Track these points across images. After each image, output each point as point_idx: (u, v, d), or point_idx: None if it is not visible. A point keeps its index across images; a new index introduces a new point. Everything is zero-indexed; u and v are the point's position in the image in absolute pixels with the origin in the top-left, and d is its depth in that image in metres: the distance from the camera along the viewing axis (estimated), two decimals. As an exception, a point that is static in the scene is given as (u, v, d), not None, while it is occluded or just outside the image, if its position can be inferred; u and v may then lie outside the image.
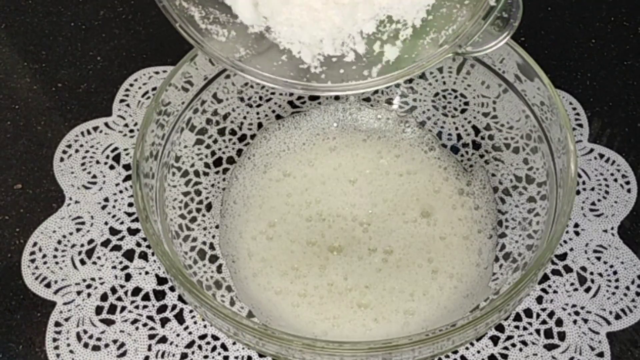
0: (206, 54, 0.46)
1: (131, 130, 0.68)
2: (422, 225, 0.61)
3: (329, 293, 0.58)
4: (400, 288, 0.58)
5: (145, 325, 0.57)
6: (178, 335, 0.57)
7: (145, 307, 0.58)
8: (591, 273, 0.59)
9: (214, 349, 0.56)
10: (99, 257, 0.60)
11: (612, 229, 0.61)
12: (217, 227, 0.61)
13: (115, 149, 0.66)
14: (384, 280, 0.58)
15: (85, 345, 0.56)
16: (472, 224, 0.61)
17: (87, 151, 0.66)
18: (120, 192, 0.64)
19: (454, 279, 0.58)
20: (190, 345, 0.56)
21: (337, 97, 0.67)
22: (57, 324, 0.57)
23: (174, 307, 0.58)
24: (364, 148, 0.65)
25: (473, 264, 0.59)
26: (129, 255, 0.61)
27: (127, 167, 0.65)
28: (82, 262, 0.60)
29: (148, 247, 0.61)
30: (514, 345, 0.56)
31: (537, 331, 0.56)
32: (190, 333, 0.57)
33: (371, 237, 0.60)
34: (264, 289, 0.58)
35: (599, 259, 0.60)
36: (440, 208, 0.62)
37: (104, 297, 0.58)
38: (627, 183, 0.64)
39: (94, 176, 0.65)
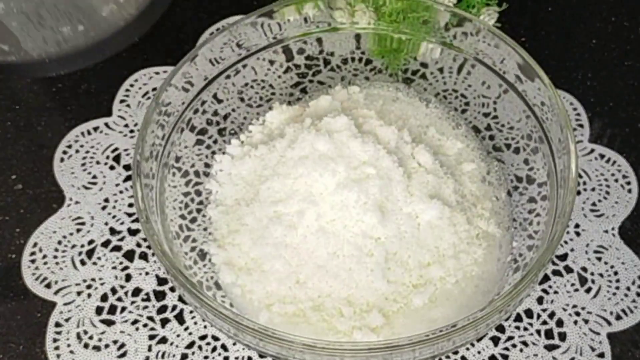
0: None
1: (131, 131, 0.67)
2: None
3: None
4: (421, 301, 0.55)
5: (145, 325, 0.57)
6: (178, 335, 0.57)
7: (145, 307, 0.58)
8: (592, 273, 0.59)
9: (214, 349, 0.56)
10: (99, 258, 0.60)
11: (613, 229, 0.61)
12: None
13: (116, 149, 0.66)
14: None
15: (86, 345, 0.56)
16: (494, 216, 0.59)
17: (87, 151, 0.66)
18: (121, 192, 0.64)
19: (475, 278, 0.56)
20: (190, 345, 0.56)
21: None
22: (58, 325, 0.57)
23: (174, 307, 0.58)
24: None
25: (495, 259, 0.57)
26: (129, 255, 0.61)
27: (127, 167, 0.65)
28: (83, 262, 0.60)
29: (148, 247, 0.61)
30: (514, 345, 0.56)
31: (538, 332, 0.56)
32: (190, 333, 0.57)
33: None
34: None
35: (599, 259, 0.60)
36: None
37: (104, 298, 0.58)
38: (628, 183, 0.63)
39: (94, 176, 0.65)
